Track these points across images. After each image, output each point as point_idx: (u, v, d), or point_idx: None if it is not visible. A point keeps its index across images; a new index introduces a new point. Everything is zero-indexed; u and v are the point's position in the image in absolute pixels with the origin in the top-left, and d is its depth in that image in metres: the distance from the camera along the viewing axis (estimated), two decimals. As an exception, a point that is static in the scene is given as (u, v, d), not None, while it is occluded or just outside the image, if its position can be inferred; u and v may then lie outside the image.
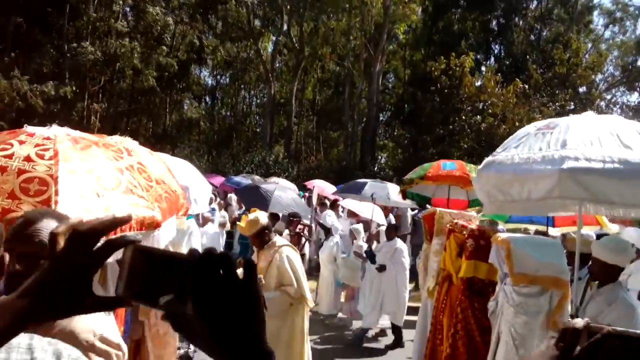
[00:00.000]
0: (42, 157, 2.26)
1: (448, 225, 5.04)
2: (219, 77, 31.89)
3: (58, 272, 0.71)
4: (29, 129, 2.51)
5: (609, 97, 30.55)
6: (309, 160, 29.29)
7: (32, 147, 2.31)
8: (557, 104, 25.99)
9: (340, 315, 8.50)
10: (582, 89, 26.72)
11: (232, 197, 12.66)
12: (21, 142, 2.34)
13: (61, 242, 0.73)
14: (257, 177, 15.60)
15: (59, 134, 2.47)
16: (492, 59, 29.58)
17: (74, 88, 22.12)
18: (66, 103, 22.37)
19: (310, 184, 15.83)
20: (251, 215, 4.64)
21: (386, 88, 31.27)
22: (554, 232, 6.83)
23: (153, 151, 3.08)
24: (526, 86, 23.36)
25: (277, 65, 29.93)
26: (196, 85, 30.02)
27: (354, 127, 28.17)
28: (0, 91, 20.10)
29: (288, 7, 26.80)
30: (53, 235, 0.74)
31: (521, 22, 29.43)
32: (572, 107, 26.27)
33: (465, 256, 4.66)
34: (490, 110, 22.13)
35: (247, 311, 0.67)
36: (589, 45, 30.80)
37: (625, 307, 3.47)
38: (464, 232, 4.76)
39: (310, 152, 31.67)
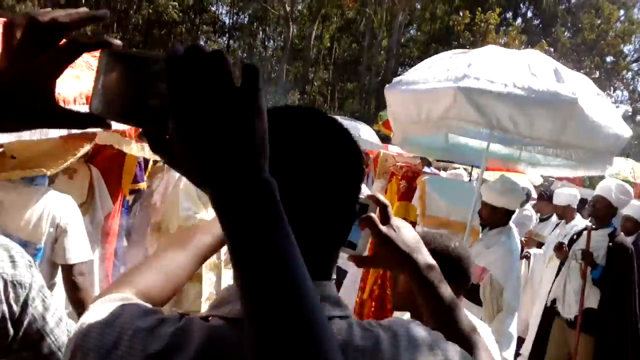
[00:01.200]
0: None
1: (391, 168, 4.94)
2: (236, 15, 31.20)
3: (11, 68, 0.56)
4: None
5: (636, 68, 29.57)
6: (324, 110, 28.92)
7: None
8: (582, 71, 25.27)
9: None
10: (609, 58, 25.90)
11: None
12: None
13: (17, 34, 0.58)
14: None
15: None
16: (519, 18, 28.57)
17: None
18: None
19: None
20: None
21: (408, 41, 30.47)
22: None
23: None
24: (552, 49, 22.63)
25: (298, 7, 29.17)
26: (214, 22, 29.45)
27: (371, 79, 27.61)
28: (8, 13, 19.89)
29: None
30: (8, 25, 0.58)
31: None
32: (597, 75, 25.55)
33: (397, 197, 4.55)
34: (511, 70, 21.57)
35: (243, 127, 0.51)
36: (621, 12, 29.57)
37: (502, 250, 3.32)
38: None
39: (325, 102, 31.27)
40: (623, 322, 3.98)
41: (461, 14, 22.50)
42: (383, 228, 0.90)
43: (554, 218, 5.73)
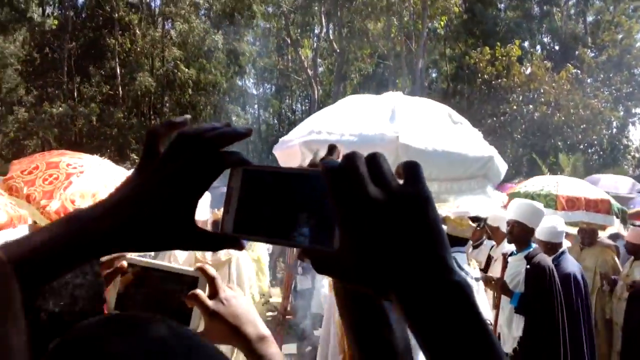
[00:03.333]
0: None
1: None
2: (262, 86, 32.37)
3: (154, 182, 0.53)
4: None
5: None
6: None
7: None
8: (612, 87, 24.93)
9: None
10: (638, 70, 25.53)
11: None
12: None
13: (161, 146, 0.55)
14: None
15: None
16: (538, 46, 28.68)
17: (124, 112, 23.07)
18: (118, 125, 23.25)
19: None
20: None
21: (430, 83, 30.82)
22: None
23: None
24: (578, 71, 22.52)
25: (320, 69, 30.06)
26: (240, 96, 30.55)
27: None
28: (60, 115, 21.11)
29: (324, 11, 26.90)
30: (151, 135, 0.55)
31: (564, 6, 28.46)
32: (630, 89, 25.14)
33: None
34: (542, 99, 21.42)
35: (422, 228, 0.47)
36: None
37: None
38: None
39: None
40: (551, 349, 3.70)
41: (478, 50, 22.73)
42: (210, 303, 0.88)
43: (487, 242, 5.56)
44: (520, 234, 4.01)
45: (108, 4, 24.43)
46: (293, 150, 3.28)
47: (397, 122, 3.07)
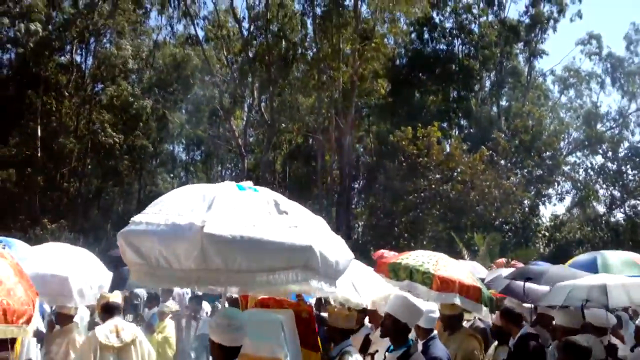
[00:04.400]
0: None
1: None
2: (192, 151, 32.19)
3: None
4: None
5: (573, 160, 31.53)
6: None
7: None
8: (524, 170, 26.69)
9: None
10: (547, 154, 27.55)
11: None
12: None
13: None
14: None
15: None
16: (456, 128, 30.55)
17: (42, 174, 22.13)
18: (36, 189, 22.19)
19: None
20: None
21: (357, 158, 31.80)
22: None
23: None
24: (493, 153, 24.00)
25: (250, 139, 30.40)
26: (169, 161, 30.17)
27: (328, 197, 28.26)
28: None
29: (257, 84, 27.63)
30: None
31: (480, 93, 30.82)
32: (540, 172, 27.00)
33: None
34: (459, 178, 22.52)
35: None
36: (549, 115, 32.18)
37: None
38: None
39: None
40: None
41: (402, 129, 23.86)
42: None
43: (366, 324, 5.47)
44: (391, 327, 3.87)
45: (36, 63, 23.95)
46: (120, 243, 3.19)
47: (211, 212, 3.01)
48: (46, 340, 5.39)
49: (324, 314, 5.55)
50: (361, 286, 4.96)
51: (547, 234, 25.88)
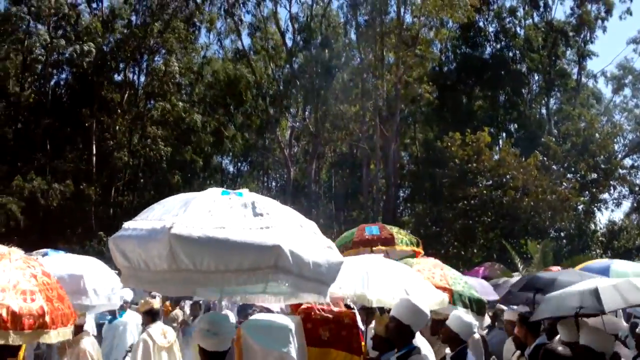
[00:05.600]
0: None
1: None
2: (239, 164, 32.71)
3: None
4: None
5: (630, 162, 30.28)
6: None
7: None
8: (577, 174, 25.81)
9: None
10: (601, 157, 26.57)
11: None
12: None
13: None
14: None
15: None
16: (505, 133, 29.92)
17: (97, 189, 22.85)
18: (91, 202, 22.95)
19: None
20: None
21: (402, 166, 31.57)
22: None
23: None
24: (545, 158, 23.36)
25: (295, 149, 30.65)
26: (218, 173, 30.75)
27: (373, 206, 28.12)
28: (25, 193, 20.80)
29: (302, 95, 27.89)
30: None
31: (528, 96, 30.11)
32: (594, 176, 26.03)
33: None
34: (511, 184, 22.00)
35: None
36: (601, 117, 31.11)
37: None
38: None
39: (332, 234, 31.51)
40: None
41: (449, 135, 23.53)
42: None
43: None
44: (394, 329, 3.84)
45: (91, 81, 24.93)
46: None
47: (184, 215, 3.07)
48: (59, 350, 5.53)
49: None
50: (414, 294, 4.90)
51: (604, 240, 24.92)
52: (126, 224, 3.31)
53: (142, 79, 26.05)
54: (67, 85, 26.72)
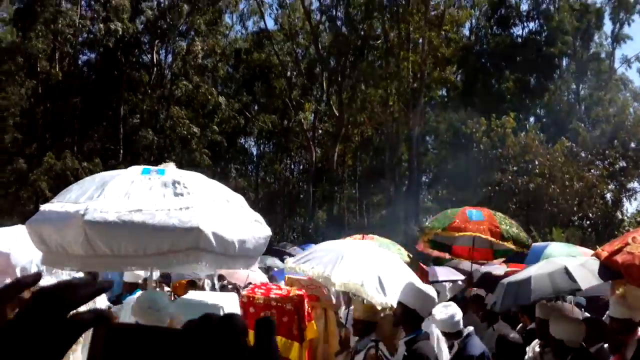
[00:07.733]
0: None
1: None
2: (262, 145, 32.82)
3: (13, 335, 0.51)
4: None
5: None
6: (351, 224, 29.10)
7: None
8: (606, 161, 25.17)
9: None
10: (632, 145, 25.84)
11: None
12: None
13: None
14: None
15: None
16: (532, 118, 29.31)
17: (124, 167, 23.27)
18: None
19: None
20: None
21: (427, 150, 31.26)
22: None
23: None
24: (573, 144, 22.85)
25: (318, 132, 30.60)
26: (242, 154, 30.94)
27: (396, 190, 27.99)
28: (57, 170, 21.28)
29: (325, 76, 27.72)
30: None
31: (559, 81, 29.31)
32: (624, 164, 25.35)
33: None
34: (537, 170, 21.60)
35: None
36: (634, 103, 30.16)
37: None
38: None
39: (354, 217, 31.53)
40: None
41: (474, 120, 23.15)
42: None
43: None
44: (401, 315, 3.81)
45: (118, 61, 25.21)
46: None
47: (99, 199, 3.05)
48: None
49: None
50: (387, 282, 4.66)
51: (630, 229, 24.35)
52: (43, 207, 3.26)
53: (170, 59, 26.28)
54: (95, 64, 27.08)
